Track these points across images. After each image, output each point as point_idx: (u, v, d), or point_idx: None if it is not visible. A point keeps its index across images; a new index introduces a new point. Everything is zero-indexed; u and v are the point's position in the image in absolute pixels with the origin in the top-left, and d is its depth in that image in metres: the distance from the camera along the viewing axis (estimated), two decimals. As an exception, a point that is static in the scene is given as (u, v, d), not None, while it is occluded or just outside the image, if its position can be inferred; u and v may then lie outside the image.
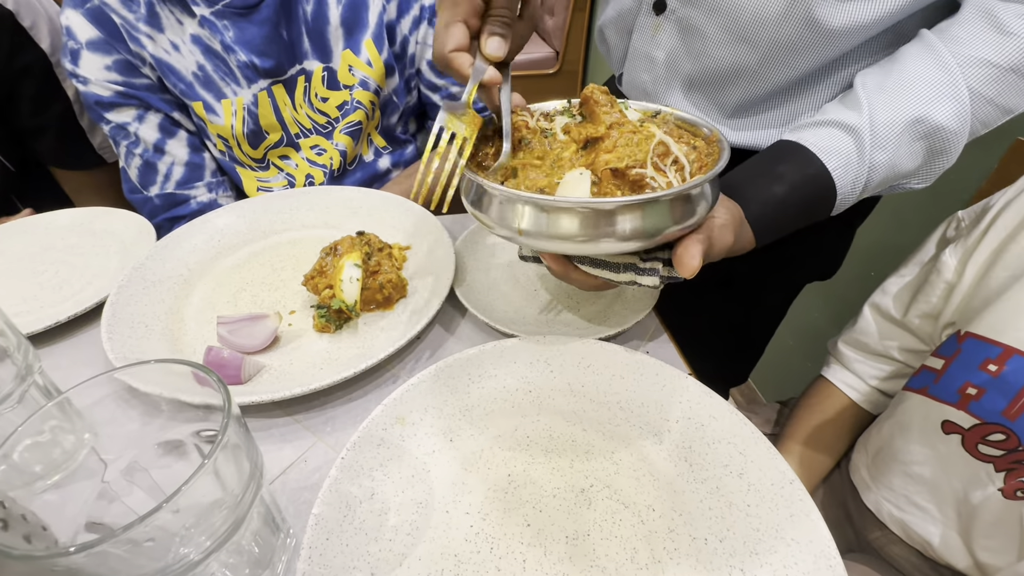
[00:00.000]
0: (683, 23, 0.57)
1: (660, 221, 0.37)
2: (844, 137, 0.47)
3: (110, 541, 0.23)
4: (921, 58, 0.47)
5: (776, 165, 0.48)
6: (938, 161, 0.50)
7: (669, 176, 0.38)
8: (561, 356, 0.48)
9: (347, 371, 0.46)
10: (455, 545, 0.37)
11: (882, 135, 0.46)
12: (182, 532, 0.28)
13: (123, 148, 0.81)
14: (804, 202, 0.48)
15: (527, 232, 0.38)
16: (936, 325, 0.60)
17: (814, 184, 0.48)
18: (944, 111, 0.46)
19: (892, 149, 0.47)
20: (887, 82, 0.48)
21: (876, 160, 0.47)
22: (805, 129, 0.50)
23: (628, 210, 0.36)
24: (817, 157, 0.47)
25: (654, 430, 0.44)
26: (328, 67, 0.80)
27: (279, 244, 0.66)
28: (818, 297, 1.15)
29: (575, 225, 0.37)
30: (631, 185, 0.39)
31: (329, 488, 0.37)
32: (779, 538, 0.36)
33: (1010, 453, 0.49)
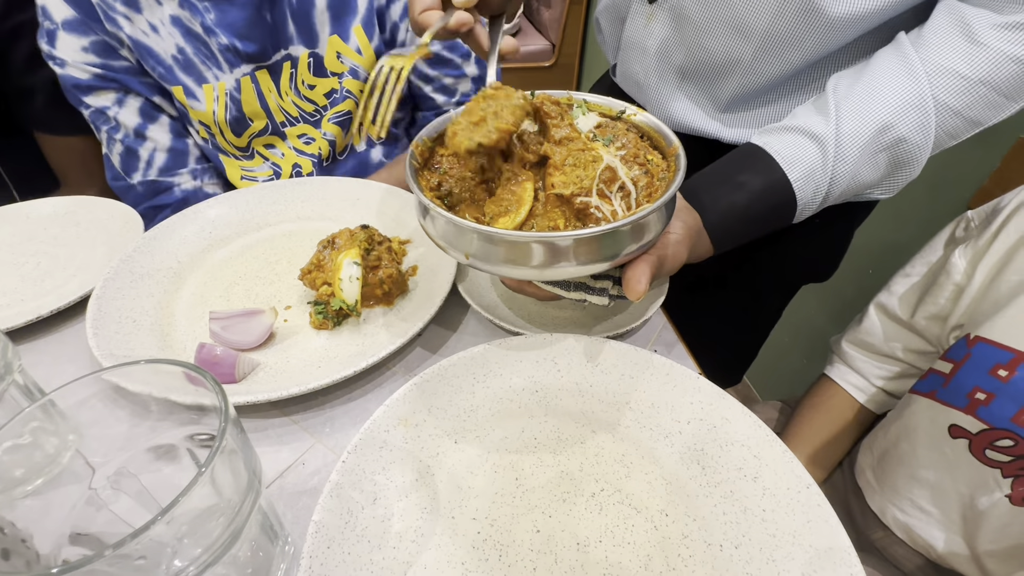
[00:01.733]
0: (676, 12, 0.56)
1: (606, 250, 0.37)
2: (809, 146, 0.46)
3: (98, 561, 0.21)
4: (891, 65, 0.46)
5: (738, 173, 0.48)
6: (901, 173, 0.49)
7: (615, 204, 0.38)
8: (568, 355, 0.47)
9: (346, 370, 0.44)
10: (462, 552, 0.36)
11: (846, 147, 0.45)
12: (175, 544, 0.26)
13: (104, 134, 0.78)
14: (764, 211, 0.48)
15: (475, 258, 0.38)
16: (944, 327, 0.59)
17: (774, 194, 0.47)
18: (908, 123, 0.45)
19: (854, 161, 0.46)
20: (856, 87, 0.46)
21: (838, 171, 0.46)
22: (772, 134, 0.49)
23: (574, 243, 0.36)
24: (779, 166, 0.46)
25: (665, 432, 0.43)
26: (314, 53, 0.77)
27: (274, 236, 0.64)
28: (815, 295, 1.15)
29: (521, 256, 0.36)
30: (575, 212, 0.38)
31: (330, 493, 0.36)
32: (797, 544, 0.35)
33: (1018, 459, 0.48)
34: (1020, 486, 0.49)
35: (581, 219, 0.38)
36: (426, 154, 0.45)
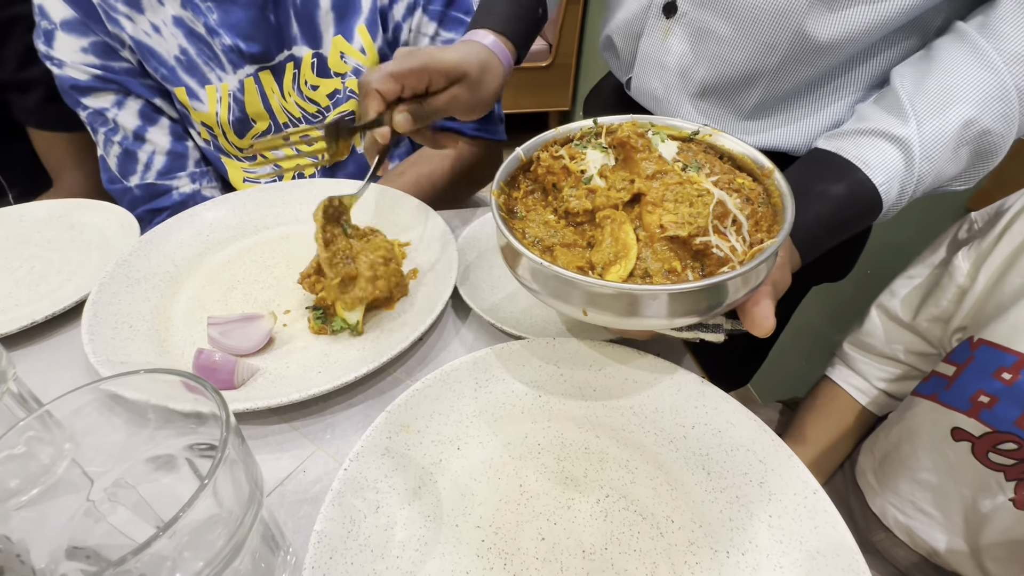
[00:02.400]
0: (695, 26, 0.55)
1: (731, 293, 0.35)
2: (892, 150, 0.45)
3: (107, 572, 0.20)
4: (963, 56, 0.45)
5: (819, 183, 0.46)
6: (984, 164, 0.49)
7: (731, 240, 0.36)
8: (571, 359, 0.46)
9: (347, 375, 0.44)
10: (466, 561, 0.35)
11: (931, 147, 0.44)
12: (176, 558, 0.25)
13: (101, 136, 0.77)
14: (849, 219, 0.47)
15: (594, 313, 0.35)
16: (946, 329, 0.59)
17: (860, 201, 0.46)
18: (992, 114, 0.44)
19: (939, 159, 0.45)
20: (928, 83, 0.45)
21: (924, 171, 0.45)
22: (845, 138, 0.47)
23: (706, 289, 0.34)
24: (863, 172, 0.45)
25: (669, 436, 0.42)
26: (318, 53, 0.77)
27: (272, 239, 0.63)
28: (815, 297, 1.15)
29: (646, 307, 0.34)
30: (692, 252, 0.37)
31: (332, 502, 0.35)
32: (803, 551, 0.35)
33: (1021, 462, 0.48)
34: (1020, 490, 0.49)
35: (699, 259, 0.37)
36: (506, 202, 0.43)
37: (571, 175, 0.41)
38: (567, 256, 0.39)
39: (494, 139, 0.88)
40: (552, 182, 0.42)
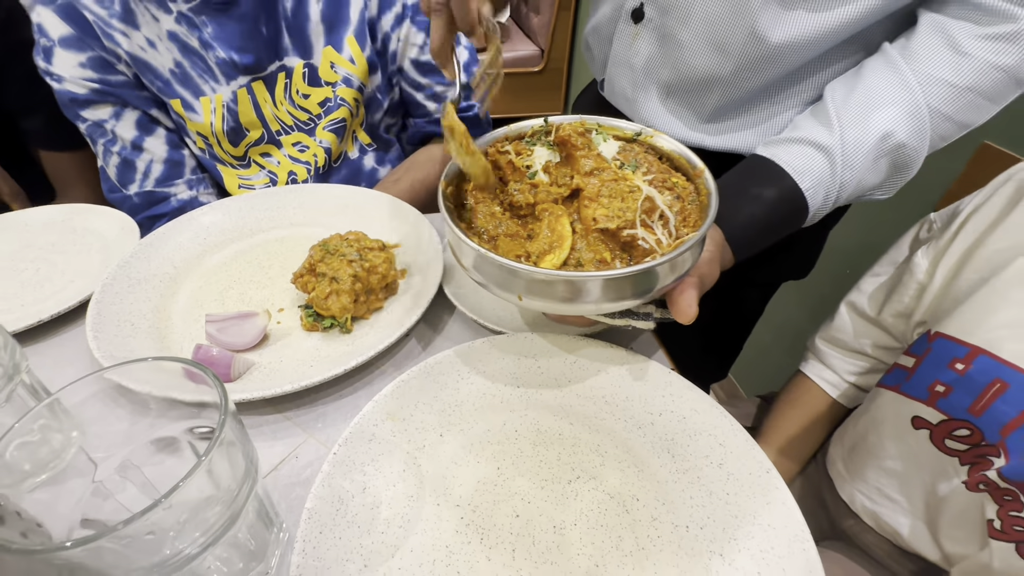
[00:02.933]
0: (660, 31, 0.58)
1: (656, 281, 0.38)
2: (817, 156, 0.49)
3: (106, 536, 0.23)
4: (885, 75, 0.49)
5: (752, 186, 0.50)
6: (900, 175, 0.53)
7: (657, 233, 0.39)
8: (548, 352, 0.49)
9: (337, 368, 0.47)
10: (446, 536, 0.38)
11: (851, 155, 0.48)
12: (178, 528, 0.28)
13: (100, 146, 0.79)
14: (779, 220, 0.50)
15: (528, 298, 0.38)
16: (908, 324, 0.63)
17: (788, 204, 0.49)
18: (907, 129, 0.48)
19: (860, 168, 0.49)
20: (853, 98, 0.49)
21: (846, 178, 0.49)
22: (779, 145, 0.51)
23: (632, 277, 0.36)
24: (791, 177, 0.49)
25: (638, 423, 0.45)
26: (309, 64, 0.80)
27: (266, 242, 0.66)
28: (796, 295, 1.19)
29: (576, 293, 0.37)
30: (621, 244, 0.40)
31: (321, 483, 0.38)
32: (756, 524, 0.38)
33: (974, 448, 0.51)
34: (975, 473, 0.52)
35: (627, 250, 0.40)
36: (455, 193, 0.46)
37: (516, 170, 0.44)
38: (508, 245, 0.42)
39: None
40: (499, 176, 0.45)
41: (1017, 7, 0.44)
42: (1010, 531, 0.47)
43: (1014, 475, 0.47)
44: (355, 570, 0.35)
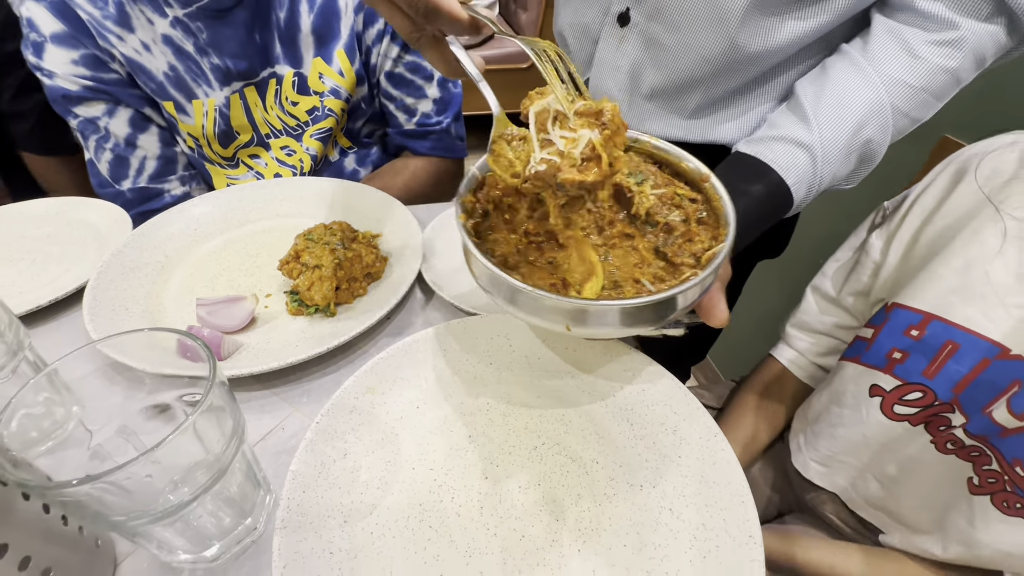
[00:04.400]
0: (646, 36, 0.61)
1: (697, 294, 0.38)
2: (800, 153, 0.53)
3: (106, 477, 0.26)
4: (852, 76, 0.53)
5: (740, 183, 0.53)
6: (866, 167, 0.57)
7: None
8: (520, 332, 0.53)
9: (320, 347, 0.50)
10: (420, 496, 0.42)
11: (829, 151, 0.53)
12: (171, 479, 0.31)
13: (92, 142, 0.80)
14: (767, 214, 0.54)
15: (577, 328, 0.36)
16: (867, 302, 0.67)
17: (775, 199, 0.53)
18: (874, 126, 0.53)
19: (835, 161, 0.53)
20: (825, 97, 0.53)
21: (825, 172, 0.53)
22: (762, 143, 0.55)
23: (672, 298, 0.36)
24: (777, 174, 0.52)
25: (601, 395, 0.49)
26: (299, 72, 0.82)
27: (254, 233, 0.69)
28: (774, 283, 1.23)
29: (630, 319, 0.36)
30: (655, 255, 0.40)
31: (305, 448, 0.41)
32: (703, 482, 0.42)
33: (926, 409, 0.55)
34: (935, 432, 0.55)
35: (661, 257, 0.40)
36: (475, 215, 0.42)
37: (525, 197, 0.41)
38: (535, 274, 0.40)
39: (452, 157, 0.94)
40: (508, 203, 0.43)
41: (959, 16, 0.49)
42: (985, 484, 0.50)
43: (977, 431, 0.50)
44: (335, 525, 0.39)
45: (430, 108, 0.89)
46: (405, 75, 0.87)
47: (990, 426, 0.49)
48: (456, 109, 0.93)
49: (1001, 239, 0.51)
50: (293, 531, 0.37)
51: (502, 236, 0.42)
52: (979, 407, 0.50)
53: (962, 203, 0.56)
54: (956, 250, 0.54)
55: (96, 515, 0.29)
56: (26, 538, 0.30)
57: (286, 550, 0.35)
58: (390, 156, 0.99)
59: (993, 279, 0.51)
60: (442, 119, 0.91)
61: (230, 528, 0.38)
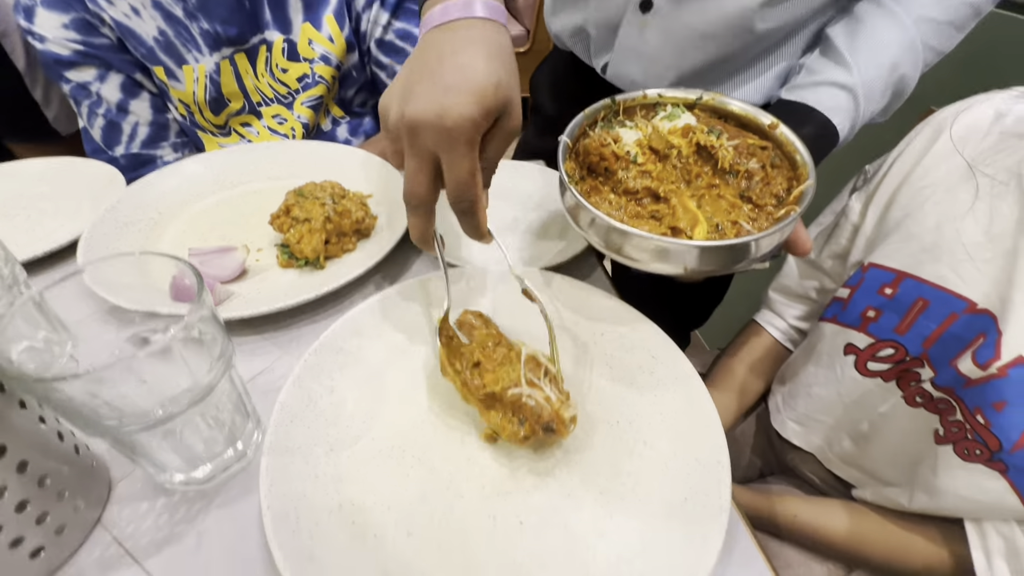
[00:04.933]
0: (667, 21, 0.62)
1: (787, 230, 0.41)
2: (842, 95, 0.56)
3: (95, 373, 0.28)
4: (883, 19, 0.56)
5: (792, 128, 0.54)
6: (898, 100, 0.61)
7: (546, 390, 0.41)
8: (504, 284, 0.54)
9: (311, 294, 0.51)
10: (404, 428, 0.43)
11: (870, 90, 0.56)
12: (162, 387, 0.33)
13: (85, 108, 0.81)
14: (816, 154, 0.55)
15: (694, 268, 0.40)
16: (845, 265, 0.68)
17: (824, 140, 0.56)
18: (908, 62, 0.56)
19: (876, 100, 0.57)
20: (860, 40, 0.57)
21: (867, 110, 0.57)
22: (805, 89, 0.58)
23: (774, 233, 0.40)
24: (824, 115, 0.56)
25: (582, 341, 0.51)
26: (288, 39, 0.83)
27: (246, 193, 0.70)
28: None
29: (739, 254, 0.40)
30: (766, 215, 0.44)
31: (293, 383, 0.43)
32: (677, 417, 0.43)
33: (897, 365, 0.57)
34: (906, 387, 0.57)
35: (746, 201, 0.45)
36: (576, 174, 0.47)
37: (620, 158, 0.47)
38: (643, 226, 0.43)
39: None
40: (604, 167, 0.47)
41: None
42: (949, 434, 0.52)
43: (943, 383, 0.52)
44: (321, 452, 0.40)
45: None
46: (395, 42, 0.87)
47: (956, 377, 0.51)
48: None
49: (973, 196, 0.53)
50: (280, 455, 0.38)
51: (601, 198, 0.47)
52: (947, 360, 0.52)
53: (937, 162, 0.57)
54: (929, 209, 0.55)
55: (88, 420, 0.30)
56: (23, 445, 0.31)
57: (273, 470, 0.37)
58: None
59: (964, 236, 0.52)
60: None
61: (220, 452, 0.39)
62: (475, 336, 0.47)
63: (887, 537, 0.60)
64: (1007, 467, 0.47)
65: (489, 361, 0.44)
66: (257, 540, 0.37)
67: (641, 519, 0.38)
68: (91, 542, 0.36)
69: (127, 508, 0.38)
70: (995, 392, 0.47)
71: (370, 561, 0.35)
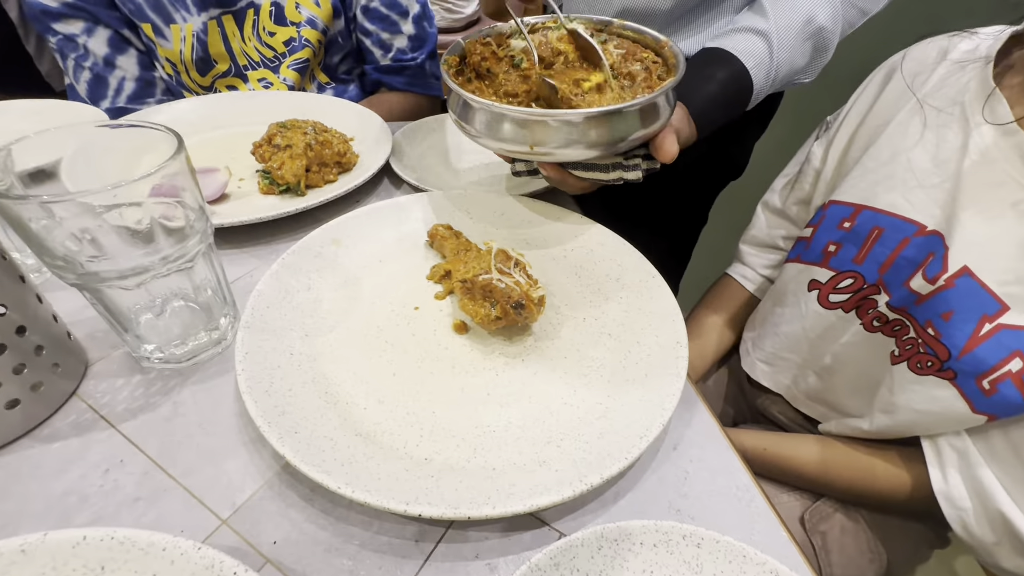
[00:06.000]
0: None
1: (649, 119, 0.43)
2: (756, 39, 0.58)
3: (76, 197, 0.29)
4: None
5: (705, 69, 0.58)
6: (821, 58, 0.63)
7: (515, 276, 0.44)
8: (481, 206, 0.56)
9: (289, 209, 0.53)
10: (379, 320, 0.45)
11: (784, 36, 0.58)
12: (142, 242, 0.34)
13: (71, 61, 0.82)
14: (730, 97, 0.59)
15: (538, 149, 0.42)
16: (808, 210, 0.71)
17: (737, 82, 0.58)
18: (824, 14, 0.58)
19: (790, 48, 0.59)
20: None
21: (781, 58, 0.59)
22: (724, 36, 0.60)
23: (617, 113, 0.41)
24: (738, 58, 0.57)
25: (553, 256, 0.53)
26: (275, 2, 0.85)
27: (232, 134, 0.71)
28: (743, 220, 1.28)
29: (579, 135, 0.41)
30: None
31: (270, 276, 0.44)
32: (640, 312, 0.45)
33: (856, 293, 0.59)
34: (864, 315, 0.59)
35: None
36: (457, 66, 0.49)
37: (501, 61, 0.48)
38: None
39: (427, 93, 0.98)
40: (486, 67, 0.48)
41: None
42: (904, 352, 0.55)
43: (897, 303, 0.54)
44: (296, 337, 0.41)
45: (405, 44, 0.93)
46: (380, 9, 0.90)
47: (908, 296, 0.54)
48: (431, 47, 0.97)
49: (922, 127, 0.56)
50: (256, 332, 0.39)
51: (484, 97, 0.46)
52: (900, 283, 0.55)
53: (891, 99, 0.60)
54: (884, 143, 0.58)
55: (68, 260, 0.31)
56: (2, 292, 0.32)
57: (248, 343, 0.38)
58: (367, 94, 1.02)
59: (914, 164, 0.55)
60: (417, 55, 0.95)
61: (199, 334, 0.40)
62: (447, 246, 0.49)
63: (851, 462, 0.62)
64: (955, 374, 0.50)
65: (461, 262, 0.46)
66: (231, 408, 0.38)
67: (603, 390, 0.39)
68: (66, 409, 0.37)
69: (103, 383, 0.39)
70: (943, 303, 0.50)
71: (341, 421, 0.36)
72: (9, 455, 0.34)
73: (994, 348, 0.46)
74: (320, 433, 0.34)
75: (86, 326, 0.42)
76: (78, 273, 0.32)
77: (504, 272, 0.43)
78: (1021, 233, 0.47)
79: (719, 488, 0.36)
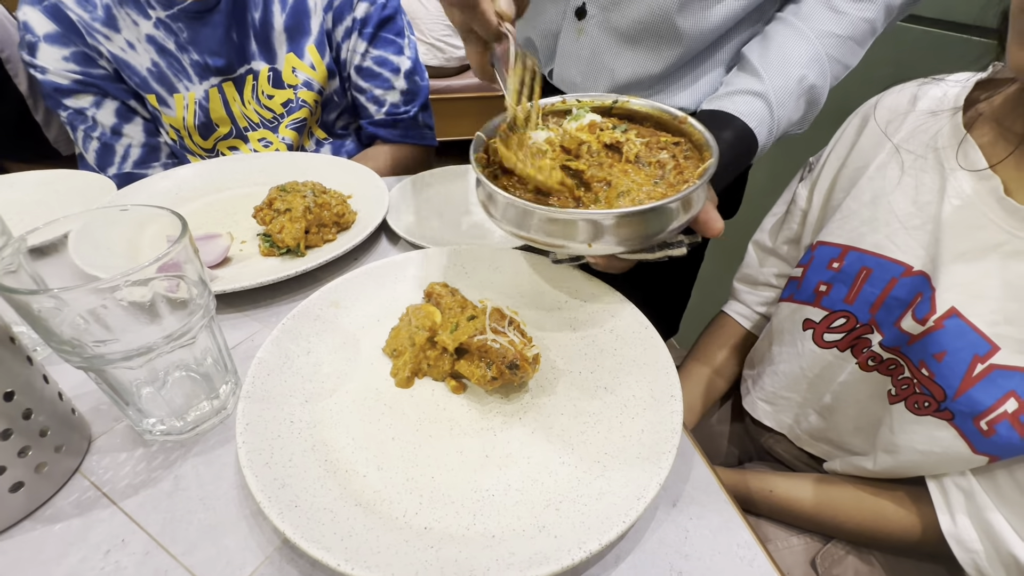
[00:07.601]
0: (603, 26, 0.69)
1: (695, 206, 0.43)
2: (756, 101, 0.61)
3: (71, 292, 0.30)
4: (790, 34, 0.62)
5: (712, 131, 0.58)
6: (813, 110, 0.66)
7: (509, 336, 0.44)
8: (475, 261, 0.58)
9: (290, 272, 0.54)
10: (378, 382, 0.45)
11: (782, 96, 0.61)
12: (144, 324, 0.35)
13: (80, 132, 0.87)
14: (739, 156, 0.61)
15: (596, 246, 0.40)
16: (799, 248, 0.73)
17: (743, 142, 0.60)
18: (814, 72, 0.61)
19: (788, 106, 0.62)
20: (770, 54, 0.62)
21: (780, 116, 0.61)
22: (722, 99, 0.62)
23: (681, 203, 0.41)
24: (741, 120, 0.60)
25: (547, 308, 0.54)
26: (273, 68, 0.90)
27: (234, 197, 0.74)
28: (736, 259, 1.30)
29: (629, 230, 0.40)
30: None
31: (271, 342, 0.45)
32: (635, 364, 0.46)
33: (849, 333, 0.60)
34: (859, 354, 0.60)
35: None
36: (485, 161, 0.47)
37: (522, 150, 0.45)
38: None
39: (421, 144, 1.02)
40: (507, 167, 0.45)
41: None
42: (900, 392, 0.55)
43: (890, 343, 0.55)
44: (296, 404, 0.42)
45: (398, 99, 0.97)
46: (373, 68, 0.94)
47: (900, 336, 0.54)
48: (423, 100, 1.01)
49: (900, 171, 0.58)
50: (256, 402, 0.40)
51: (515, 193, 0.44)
52: (891, 322, 0.56)
53: (868, 144, 0.63)
54: (864, 186, 0.60)
55: (75, 344, 0.32)
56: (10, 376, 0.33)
57: (249, 413, 0.39)
58: (364, 147, 1.06)
59: (895, 207, 0.57)
60: (410, 108, 0.99)
61: (201, 404, 0.41)
62: (443, 304, 0.50)
63: (859, 504, 0.61)
64: (953, 414, 0.50)
65: (457, 320, 0.47)
66: (232, 480, 0.38)
67: (600, 447, 0.40)
68: (69, 487, 0.37)
69: (106, 458, 0.39)
70: (935, 344, 0.51)
71: (341, 490, 0.36)
72: (10, 539, 0.34)
73: (989, 388, 0.47)
74: (320, 505, 0.34)
75: (90, 399, 0.43)
76: (84, 356, 0.34)
77: (499, 332, 0.44)
78: (1006, 274, 0.48)
79: (720, 547, 0.36)
